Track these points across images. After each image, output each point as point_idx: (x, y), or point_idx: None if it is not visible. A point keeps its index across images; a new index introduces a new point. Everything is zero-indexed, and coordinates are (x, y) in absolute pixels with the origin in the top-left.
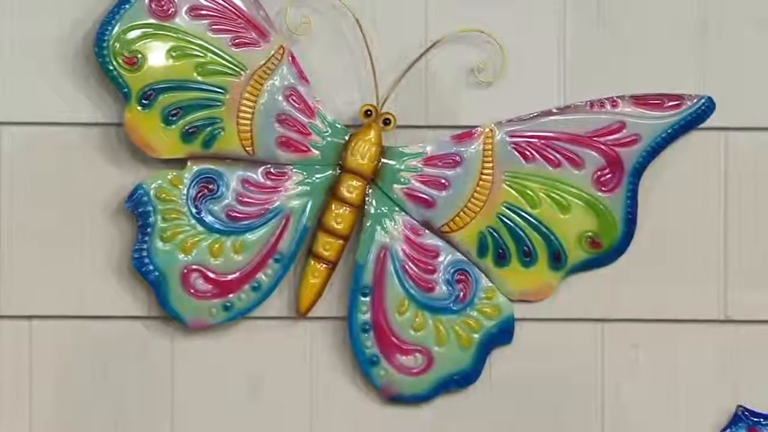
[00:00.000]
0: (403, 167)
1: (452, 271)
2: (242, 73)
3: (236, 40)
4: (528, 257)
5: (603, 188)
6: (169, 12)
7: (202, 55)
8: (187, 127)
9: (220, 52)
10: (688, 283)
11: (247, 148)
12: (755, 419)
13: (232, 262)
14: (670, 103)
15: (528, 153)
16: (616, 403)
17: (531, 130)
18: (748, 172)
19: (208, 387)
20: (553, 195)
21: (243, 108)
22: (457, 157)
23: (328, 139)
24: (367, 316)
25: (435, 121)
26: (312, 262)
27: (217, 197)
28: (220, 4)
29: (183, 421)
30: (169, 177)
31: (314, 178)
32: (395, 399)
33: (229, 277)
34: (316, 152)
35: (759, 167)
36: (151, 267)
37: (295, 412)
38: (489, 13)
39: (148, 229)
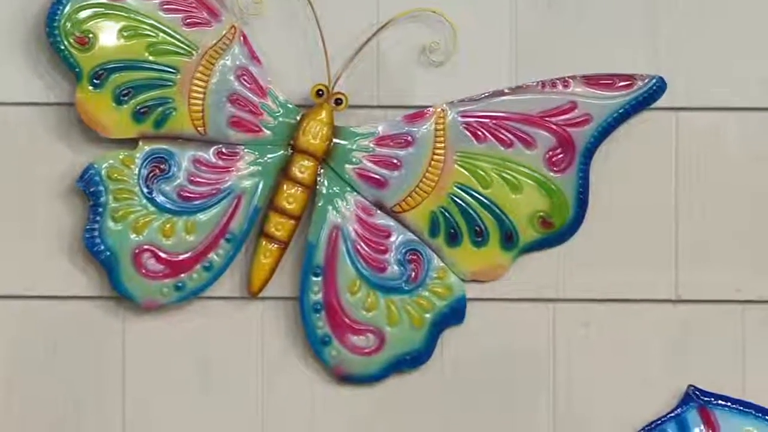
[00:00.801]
0: (354, 147)
1: (404, 251)
2: (194, 52)
3: (188, 20)
4: (480, 237)
5: (555, 168)
6: None
7: (153, 35)
8: (138, 107)
9: (172, 32)
10: (639, 263)
11: (198, 128)
12: (706, 399)
13: (184, 242)
14: (622, 83)
15: (480, 133)
16: (567, 383)
17: (483, 110)
18: (699, 152)
19: (159, 367)
20: (505, 175)
21: (195, 88)
22: (409, 137)
23: (280, 119)
24: (319, 296)
25: (387, 101)
26: (263, 242)
27: (169, 177)
28: None
29: (134, 400)
30: (120, 157)
31: (266, 158)
32: (347, 379)
33: (181, 257)
34: (268, 132)
35: (710, 147)
36: (102, 247)
37: (247, 392)
38: None
39: (100, 209)
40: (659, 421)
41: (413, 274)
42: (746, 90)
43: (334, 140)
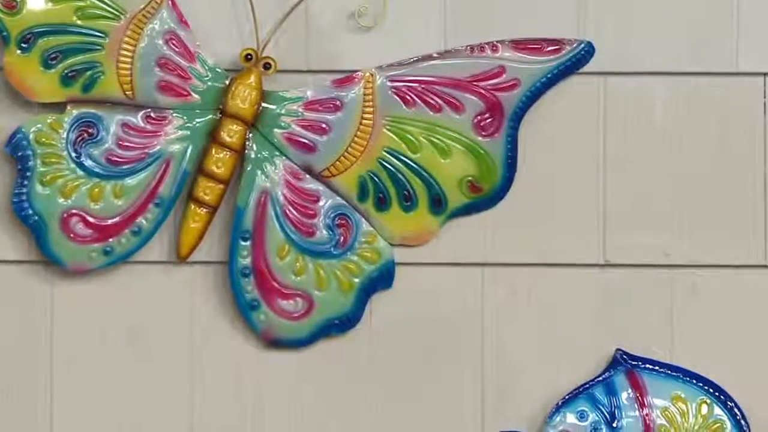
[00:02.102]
0: (283, 112)
1: (333, 215)
2: (122, 17)
3: None
4: (408, 202)
5: (483, 133)
6: None
7: None
8: (66, 71)
9: None
10: (567, 227)
11: (127, 92)
12: (634, 362)
13: (112, 206)
14: (550, 48)
15: (408, 97)
16: (496, 347)
17: (411, 75)
18: (627, 117)
19: (88, 331)
20: (434, 139)
21: (123, 52)
22: (338, 102)
23: (209, 83)
24: (248, 261)
25: (315, 65)
26: (192, 207)
27: (97, 141)
28: None
29: (63, 365)
30: (48, 121)
31: (194, 123)
32: (275, 343)
33: (109, 221)
34: (197, 97)
35: (638, 112)
36: (30, 211)
37: (176, 356)
38: None
39: (28, 174)
40: (587, 385)
41: (342, 238)
42: (674, 54)
43: (263, 105)
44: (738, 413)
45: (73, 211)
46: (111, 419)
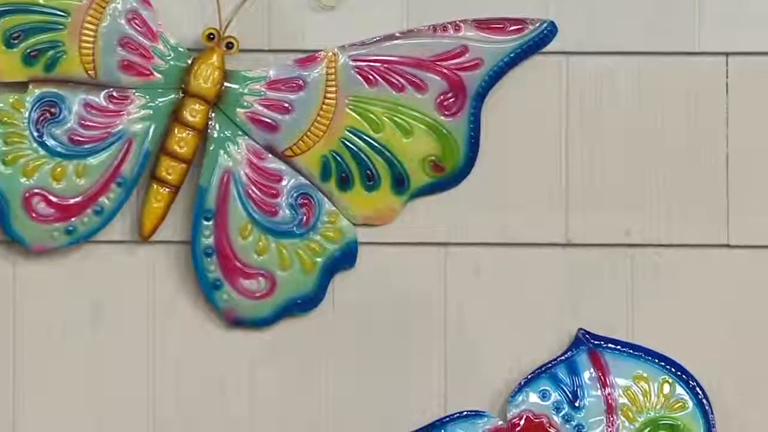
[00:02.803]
0: (245, 91)
1: (295, 195)
2: None
3: None
4: (371, 181)
5: (446, 112)
6: None
7: None
8: (28, 50)
9: None
10: (530, 206)
11: (89, 72)
12: (596, 342)
13: (75, 185)
14: (513, 28)
15: (371, 77)
16: (458, 327)
17: (374, 54)
18: (589, 96)
19: (49, 311)
20: (396, 119)
21: (85, 31)
22: (300, 81)
23: (171, 62)
24: (210, 240)
25: (278, 45)
26: (155, 186)
27: (60, 121)
28: None
29: (25, 344)
30: (10, 100)
31: (157, 102)
32: (238, 323)
33: (72, 201)
34: (159, 76)
35: (600, 91)
36: None
37: (138, 335)
38: None
39: None
40: (549, 365)
41: (304, 218)
42: (636, 34)
43: (226, 84)
44: (700, 392)
45: (36, 190)
46: (72, 397)
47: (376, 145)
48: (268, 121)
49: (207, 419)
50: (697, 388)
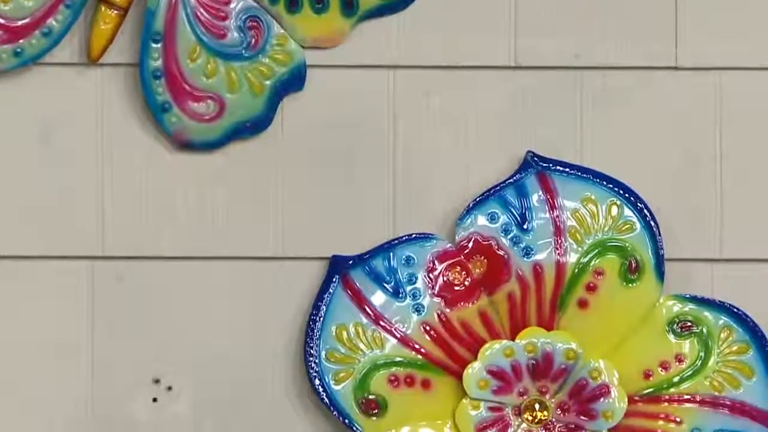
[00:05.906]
0: None
1: (244, 17)
2: None
3: None
4: (320, 4)
5: None
6: None
7: None
8: None
9: None
10: (478, 29)
11: None
12: (544, 165)
13: (23, 7)
14: None
15: None
16: (407, 150)
17: None
18: None
19: None
20: None
21: None
22: None
23: None
24: (159, 63)
25: None
26: (103, 8)
27: None
28: None
29: None
30: None
31: None
32: (187, 145)
33: (19, 22)
34: None
35: None
36: None
37: (86, 158)
38: None
39: None
40: (498, 187)
41: (253, 40)
42: None
43: None
44: (647, 214)
45: None
46: (18, 220)
47: None
48: None
49: (157, 237)
50: (645, 210)
